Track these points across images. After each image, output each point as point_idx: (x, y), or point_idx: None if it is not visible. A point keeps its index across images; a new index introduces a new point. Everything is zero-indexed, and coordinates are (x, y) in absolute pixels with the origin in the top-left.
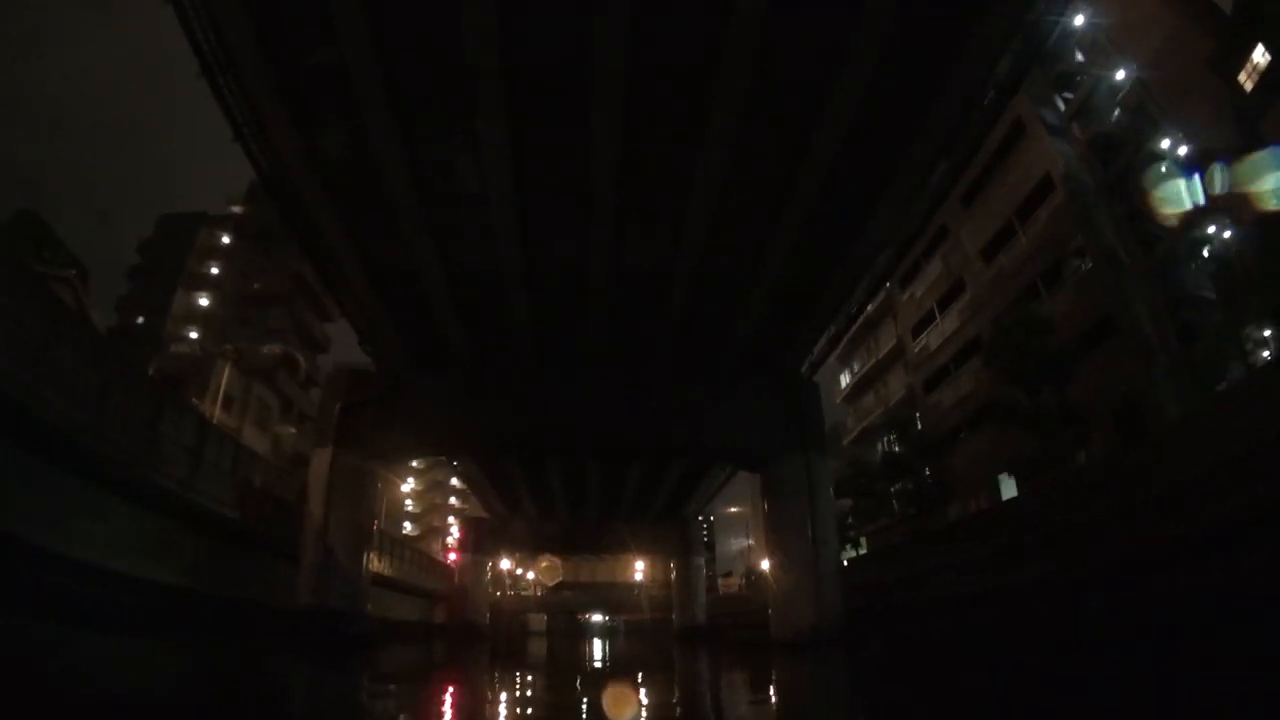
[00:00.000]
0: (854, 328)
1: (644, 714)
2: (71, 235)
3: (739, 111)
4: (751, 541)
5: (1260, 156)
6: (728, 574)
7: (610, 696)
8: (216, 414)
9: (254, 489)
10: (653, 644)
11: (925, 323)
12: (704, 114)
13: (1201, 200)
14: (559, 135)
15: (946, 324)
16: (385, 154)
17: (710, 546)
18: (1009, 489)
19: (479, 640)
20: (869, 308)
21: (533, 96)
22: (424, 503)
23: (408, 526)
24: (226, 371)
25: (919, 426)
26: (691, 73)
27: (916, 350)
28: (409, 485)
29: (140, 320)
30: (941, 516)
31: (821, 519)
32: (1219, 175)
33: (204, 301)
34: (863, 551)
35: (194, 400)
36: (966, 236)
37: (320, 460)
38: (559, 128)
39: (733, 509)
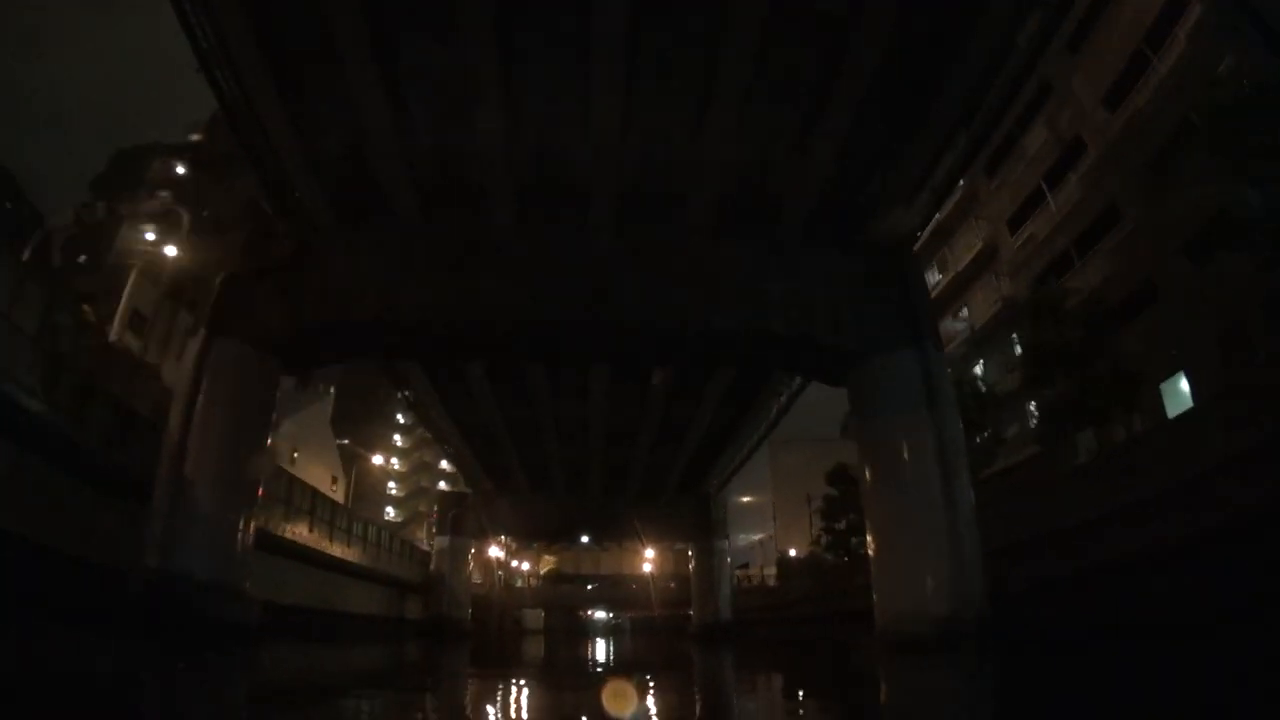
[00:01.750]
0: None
1: None
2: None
3: None
4: (772, 533)
5: None
6: (744, 566)
7: None
8: (116, 332)
9: (78, 376)
10: (675, 646)
11: (1028, 209)
12: None
13: None
14: None
15: (1061, 199)
16: None
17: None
18: (1174, 402)
19: (458, 639)
20: (934, 218)
21: None
22: (409, 485)
23: (390, 512)
24: (132, 279)
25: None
26: None
27: (1018, 245)
28: (386, 462)
29: (83, 259)
30: (1069, 455)
31: (951, 443)
32: None
33: (150, 235)
34: None
35: (86, 310)
36: (1079, 87)
37: (190, 352)
38: None
39: (745, 498)
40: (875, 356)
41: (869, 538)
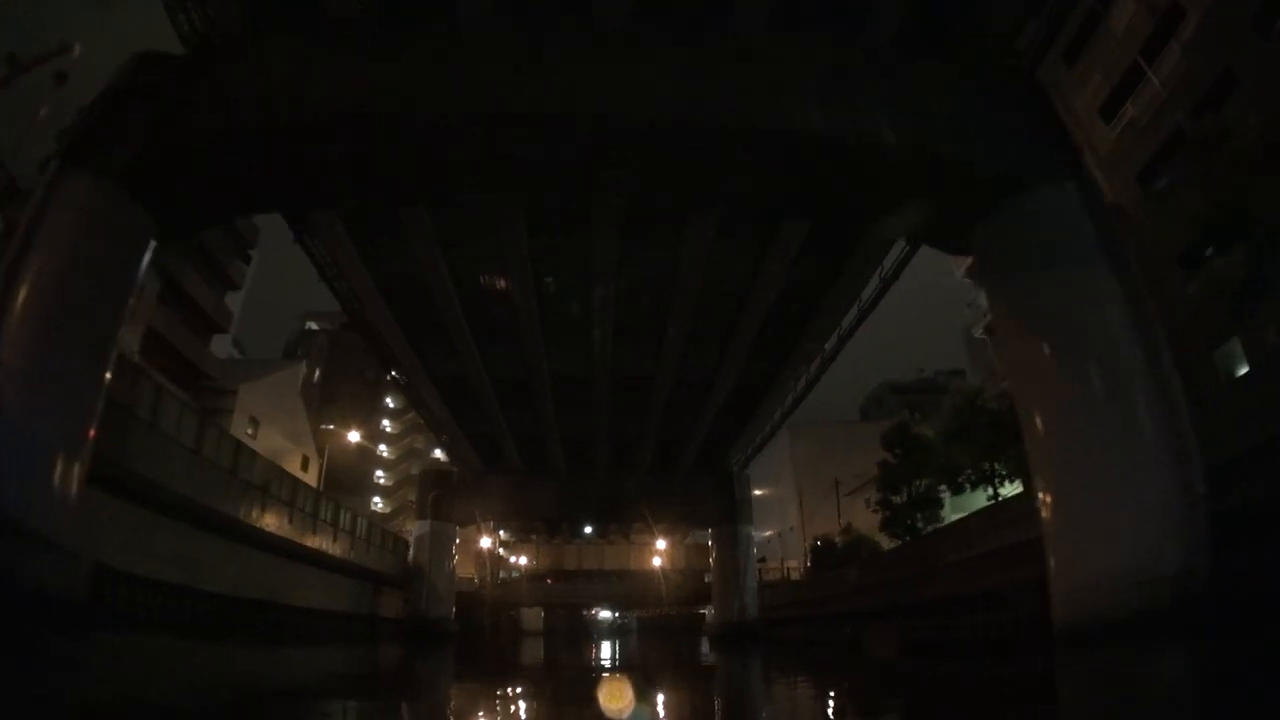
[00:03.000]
0: None
1: None
2: None
3: None
4: (791, 525)
5: None
6: (761, 560)
7: None
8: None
9: None
10: (699, 653)
11: (1123, 91)
12: None
13: None
14: None
15: (1164, 70)
16: None
17: None
18: None
19: (438, 642)
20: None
21: None
22: (398, 474)
23: (379, 502)
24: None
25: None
26: None
27: (1117, 132)
28: (373, 443)
29: None
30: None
31: (1142, 307)
32: None
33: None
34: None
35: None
36: None
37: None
38: None
39: (758, 491)
40: (1023, 189)
41: (1036, 478)
